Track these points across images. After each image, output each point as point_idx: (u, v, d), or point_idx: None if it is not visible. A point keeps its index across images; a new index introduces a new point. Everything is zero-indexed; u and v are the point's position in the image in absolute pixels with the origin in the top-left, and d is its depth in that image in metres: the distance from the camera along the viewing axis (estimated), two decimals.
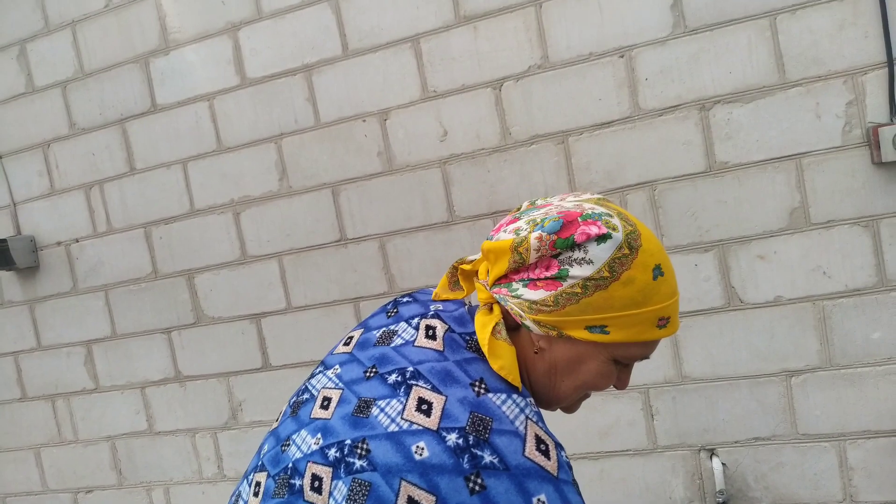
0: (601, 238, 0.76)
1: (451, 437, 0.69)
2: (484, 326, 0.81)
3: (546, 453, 0.71)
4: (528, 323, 0.81)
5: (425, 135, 1.87)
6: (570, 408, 0.90)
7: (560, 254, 0.77)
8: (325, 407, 0.81)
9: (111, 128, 2.20)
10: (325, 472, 0.73)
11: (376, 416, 0.73)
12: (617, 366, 0.83)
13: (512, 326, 0.84)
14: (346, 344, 0.89)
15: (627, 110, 1.70)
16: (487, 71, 1.79)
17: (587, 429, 1.82)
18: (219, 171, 2.09)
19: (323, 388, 0.84)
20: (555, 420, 1.77)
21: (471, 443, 0.69)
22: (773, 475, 1.69)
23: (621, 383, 0.85)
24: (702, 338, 1.71)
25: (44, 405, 2.45)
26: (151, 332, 2.24)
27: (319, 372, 0.89)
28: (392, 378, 0.78)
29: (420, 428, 0.70)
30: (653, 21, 1.66)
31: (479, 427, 0.70)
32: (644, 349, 0.82)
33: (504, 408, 0.73)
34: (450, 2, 1.80)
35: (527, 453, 0.70)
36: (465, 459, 0.68)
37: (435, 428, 0.70)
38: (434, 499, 0.67)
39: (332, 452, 0.74)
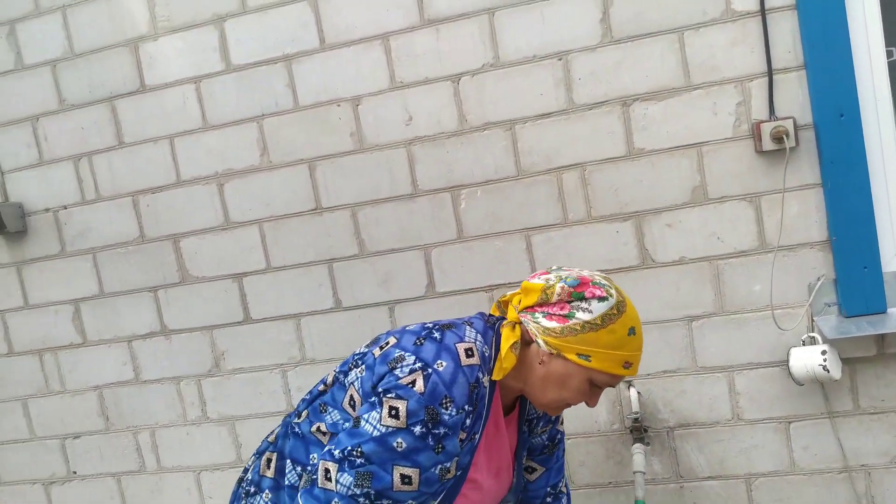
0: (601, 298, 1.17)
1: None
2: (506, 339, 1.20)
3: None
4: (539, 341, 1.19)
5: (393, 119, 2.13)
6: (552, 412, 1.29)
7: (572, 301, 1.17)
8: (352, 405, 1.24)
9: (100, 105, 2.36)
10: (332, 466, 1.12)
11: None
12: (591, 388, 1.22)
13: (527, 341, 1.22)
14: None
15: (564, 104, 2.01)
16: (447, 67, 2.07)
17: None
18: (204, 147, 2.29)
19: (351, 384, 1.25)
20: None
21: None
22: (678, 400, 2.06)
23: (592, 402, 1.26)
24: None
25: (31, 359, 2.60)
26: (139, 290, 2.43)
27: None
28: None
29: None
30: (585, 31, 1.96)
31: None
32: (611, 379, 1.21)
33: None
34: (416, 6, 2.06)
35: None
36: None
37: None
38: (418, 470, 1.10)
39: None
